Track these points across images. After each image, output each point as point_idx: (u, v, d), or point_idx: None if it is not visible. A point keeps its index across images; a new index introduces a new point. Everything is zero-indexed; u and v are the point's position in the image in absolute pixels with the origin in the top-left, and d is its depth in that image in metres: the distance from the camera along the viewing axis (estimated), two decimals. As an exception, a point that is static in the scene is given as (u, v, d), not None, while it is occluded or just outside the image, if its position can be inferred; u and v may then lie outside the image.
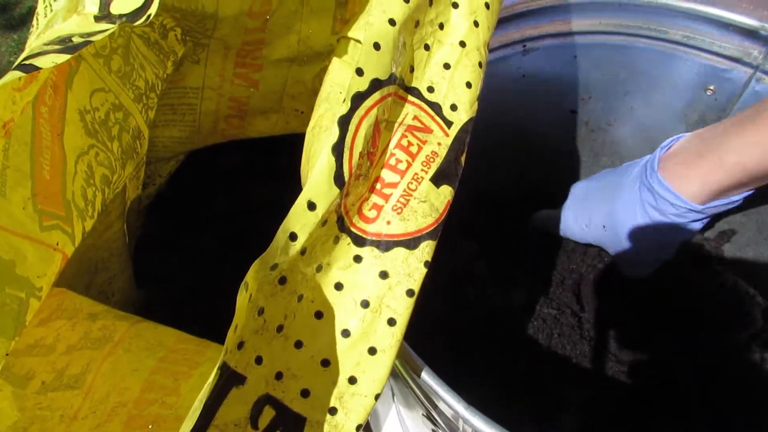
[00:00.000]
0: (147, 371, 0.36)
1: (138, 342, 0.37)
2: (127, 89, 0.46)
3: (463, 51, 0.33)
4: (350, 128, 0.27)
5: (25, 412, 0.34)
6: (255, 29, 0.51)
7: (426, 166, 0.31)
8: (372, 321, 0.29)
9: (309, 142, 0.32)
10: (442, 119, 0.32)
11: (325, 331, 0.29)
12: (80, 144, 0.39)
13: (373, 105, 0.28)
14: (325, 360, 0.28)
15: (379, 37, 0.28)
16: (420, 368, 0.31)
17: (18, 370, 0.36)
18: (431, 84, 0.32)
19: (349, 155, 0.27)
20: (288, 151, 0.66)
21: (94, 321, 0.39)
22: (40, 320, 0.38)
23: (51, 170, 0.36)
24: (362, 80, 0.28)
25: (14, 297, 0.31)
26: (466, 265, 0.57)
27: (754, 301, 0.54)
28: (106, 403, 0.34)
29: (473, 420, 0.29)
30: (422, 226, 0.30)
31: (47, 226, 0.35)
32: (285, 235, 0.26)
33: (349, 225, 0.29)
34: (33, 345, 0.37)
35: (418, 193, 0.31)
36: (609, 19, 0.54)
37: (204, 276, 0.65)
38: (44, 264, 0.33)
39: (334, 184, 0.26)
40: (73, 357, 0.37)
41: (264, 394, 0.27)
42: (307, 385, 0.28)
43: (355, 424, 0.28)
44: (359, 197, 0.30)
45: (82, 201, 0.39)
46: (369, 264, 0.29)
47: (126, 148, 0.45)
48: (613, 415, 0.48)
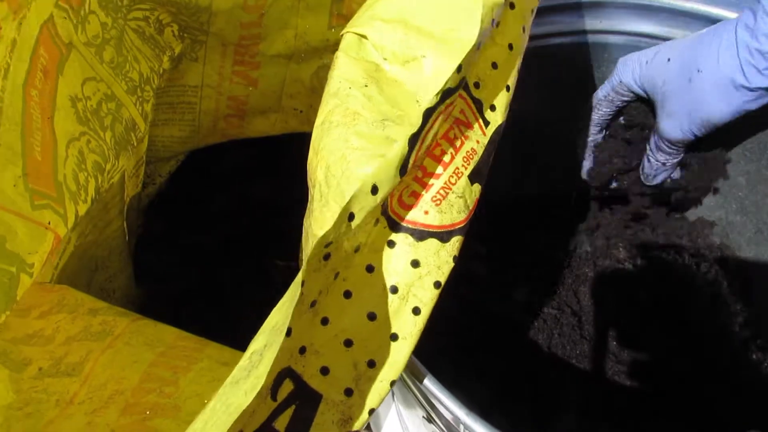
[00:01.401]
0: (146, 363, 0.36)
1: (138, 337, 0.38)
2: (120, 80, 0.46)
3: (510, 54, 0.33)
4: (429, 121, 0.27)
5: (21, 394, 0.34)
6: (251, 24, 0.51)
7: (467, 162, 0.31)
8: (398, 307, 0.29)
9: (317, 136, 0.32)
10: (482, 118, 0.32)
11: (352, 312, 0.29)
12: (71, 130, 0.40)
13: (452, 102, 0.28)
14: (348, 340, 0.28)
15: (482, 37, 0.28)
16: (423, 374, 0.31)
17: (15, 356, 0.36)
18: (478, 80, 0.32)
19: (420, 146, 0.27)
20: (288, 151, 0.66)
21: (94, 316, 0.39)
22: (41, 313, 0.39)
23: (42, 151, 0.36)
24: (458, 77, 0.28)
25: (5, 271, 0.31)
26: (466, 266, 0.57)
27: (754, 302, 0.54)
28: (103, 390, 0.34)
29: (474, 426, 0.29)
30: (456, 221, 0.30)
31: (39, 205, 0.35)
32: (345, 215, 0.26)
33: (388, 209, 0.29)
34: (32, 335, 0.37)
35: (457, 188, 0.31)
36: (609, 19, 0.54)
37: (204, 275, 0.65)
38: (35, 241, 0.34)
39: (399, 173, 0.26)
40: (72, 347, 0.37)
41: (286, 367, 0.27)
42: (327, 362, 0.28)
43: (369, 408, 0.28)
44: (403, 184, 0.30)
45: (74, 184, 0.39)
46: (402, 251, 0.29)
47: (119, 138, 0.46)
48: (613, 415, 0.48)
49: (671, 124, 0.48)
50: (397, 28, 0.31)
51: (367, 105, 0.30)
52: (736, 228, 0.57)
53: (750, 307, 0.54)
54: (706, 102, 0.44)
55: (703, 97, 0.44)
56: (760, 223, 0.55)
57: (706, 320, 0.52)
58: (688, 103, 0.45)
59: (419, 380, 0.31)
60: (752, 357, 0.51)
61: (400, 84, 0.31)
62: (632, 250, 0.57)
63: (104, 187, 0.44)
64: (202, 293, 0.64)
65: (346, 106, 0.30)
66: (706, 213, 0.59)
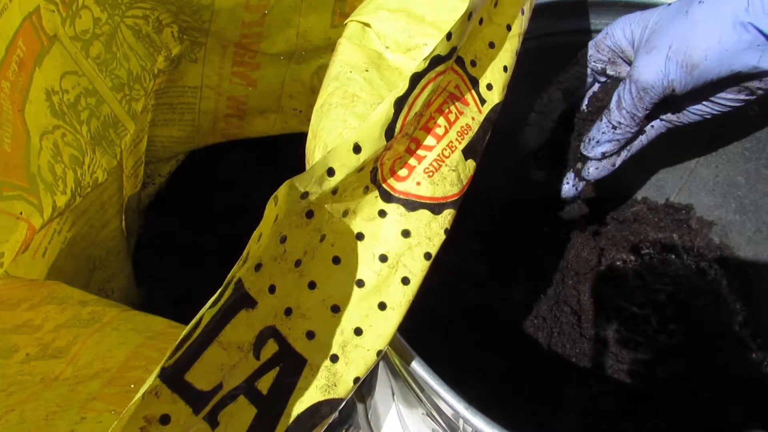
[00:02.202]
0: (134, 345, 0.35)
1: (126, 324, 0.37)
2: (105, 76, 0.46)
3: (508, 34, 0.33)
4: (418, 87, 0.27)
5: (6, 378, 0.34)
6: (253, 23, 0.51)
7: (461, 137, 0.32)
8: (387, 276, 0.29)
9: (317, 118, 0.32)
10: (478, 95, 0.33)
11: (340, 278, 0.29)
12: (44, 123, 0.40)
13: (443, 70, 0.28)
14: (335, 306, 0.28)
15: (473, 6, 0.28)
16: (413, 360, 0.31)
17: (3, 344, 0.36)
18: (475, 59, 0.33)
19: (407, 112, 0.27)
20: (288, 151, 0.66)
21: (84, 306, 0.39)
22: (30, 305, 0.38)
23: (12, 143, 0.36)
24: (447, 45, 0.28)
25: None
26: (466, 265, 0.57)
27: (753, 301, 0.54)
28: (89, 369, 0.34)
29: (474, 420, 0.29)
30: (449, 194, 0.31)
31: (8, 196, 0.35)
32: (323, 168, 0.26)
33: (380, 178, 0.30)
34: (20, 325, 0.37)
35: (450, 161, 0.31)
36: (609, 18, 0.54)
37: (203, 275, 0.65)
38: (5, 231, 0.34)
39: (384, 135, 0.26)
40: (60, 333, 0.37)
41: (271, 326, 0.27)
42: (313, 327, 0.28)
43: (354, 376, 0.28)
44: (395, 154, 0.30)
45: (50, 176, 0.39)
46: (393, 220, 0.30)
47: (94, 133, 0.45)
48: (613, 415, 0.48)
49: (649, 59, 0.41)
50: (399, 18, 0.32)
51: (367, 88, 0.30)
52: (735, 227, 0.57)
53: (749, 307, 0.54)
54: (697, 34, 0.39)
55: (695, 28, 0.39)
56: (759, 222, 0.55)
57: (705, 320, 0.52)
58: (676, 36, 0.40)
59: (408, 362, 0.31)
60: (752, 356, 0.51)
61: (401, 71, 0.31)
62: (632, 249, 0.57)
63: (86, 181, 0.44)
64: (202, 293, 0.64)
65: (346, 89, 0.30)
66: (705, 213, 0.59)
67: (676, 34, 0.40)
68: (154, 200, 0.65)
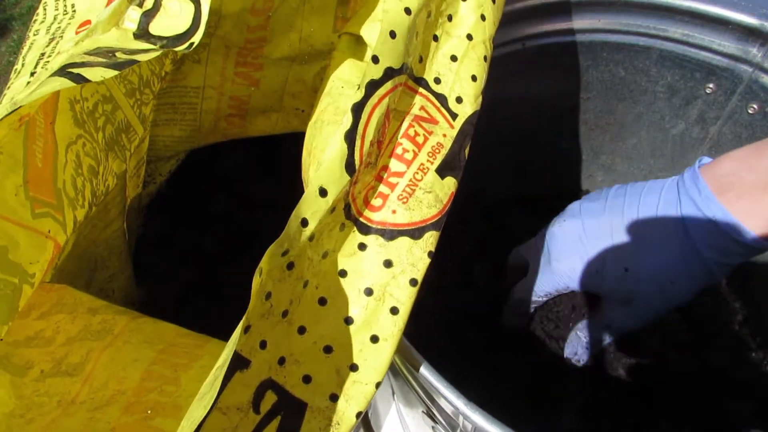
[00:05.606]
0: (147, 362, 0.36)
1: (137, 335, 0.38)
2: (119, 83, 0.46)
3: (469, 44, 0.33)
4: (363, 116, 0.27)
5: (23, 399, 0.34)
6: (257, 27, 0.51)
7: (432, 157, 0.31)
8: (375, 309, 0.29)
9: (310, 135, 0.32)
10: (448, 111, 0.32)
11: (329, 318, 0.29)
12: (69, 133, 0.39)
13: (385, 93, 0.28)
14: (327, 346, 0.28)
15: (394, 25, 0.28)
16: (419, 363, 0.31)
17: (17, 360, 0.36)
18: (438, 75, 0.33)
19: (361, 143, 0.27)
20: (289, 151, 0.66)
21: (93, 315, 0.39)
22: (41, 314, 0.39)
23: (43, 158, 0.36)
24: (377, 68, 0.28)
25: (8, 282, 0.31)
26: (465, 265, 0.57)
27: (753, 301, 0.54)
28: (104, 390, 0.34)
29: (474, 416, 0.29)
30: (427, 217, 0.30)
31: (39, 214, 0.35)
32: (297, 221, 0.26)
33: (355, 213, 0.30)
34: (32, 337, 0.37)
35: (424, 184, 0.31)
36: (609, 18, 0.54)
37: (204, 275, 0.65)
38: (36, 251, 0.34)
39: (345, 171, 0.27)
40: (73, 347, 0.37)
41: (267, 379, 0.27)
42: (309, 371, 0.28)
43: (356, 411, 0.28)
44: (366, 185, 0.30)
45: (73, 190, 0.39)
46: (373, 252, 0.30)
47: (108, 139, 0.45)
48: (613, 415, 0.48)
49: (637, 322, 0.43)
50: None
51: None
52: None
53: (750, 306, 0.54)
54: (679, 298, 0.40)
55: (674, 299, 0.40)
56: (759, 222, 0.55)
57: (705, 319, 0.52)
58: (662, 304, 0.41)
59: (416, 369, 0.31)
60: (752, 356, 0.51)
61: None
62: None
63: (100, 190, 0.44)
64: (202, 293, 0.64)
65: (337, 105, 0.30)
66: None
67: (674, 285, 0.40)
68: (155, 199, 0.65)
